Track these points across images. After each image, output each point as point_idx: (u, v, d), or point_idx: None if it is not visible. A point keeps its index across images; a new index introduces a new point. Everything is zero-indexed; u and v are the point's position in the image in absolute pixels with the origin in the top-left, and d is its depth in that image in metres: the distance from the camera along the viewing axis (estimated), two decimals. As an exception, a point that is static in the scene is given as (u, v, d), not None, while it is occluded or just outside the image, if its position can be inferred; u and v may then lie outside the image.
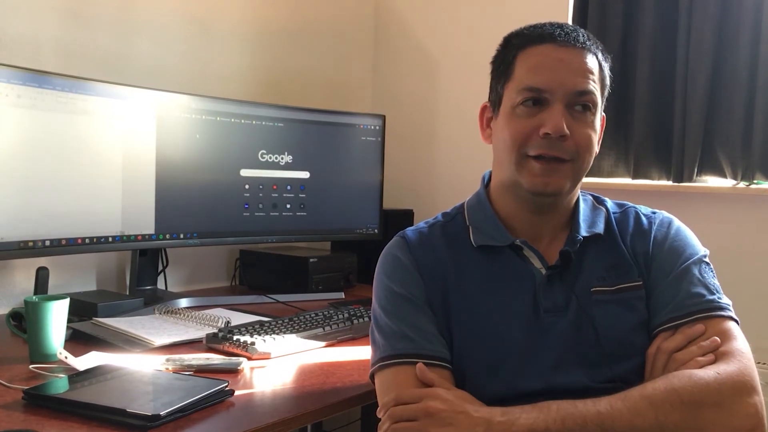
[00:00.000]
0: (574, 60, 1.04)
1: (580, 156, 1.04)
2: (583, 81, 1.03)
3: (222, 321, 1.54)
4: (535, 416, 0.88)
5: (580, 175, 1.07)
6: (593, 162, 1.09)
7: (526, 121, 1.03)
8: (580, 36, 1.06)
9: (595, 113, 1.06)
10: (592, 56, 1.06)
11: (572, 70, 1.03)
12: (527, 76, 1.04)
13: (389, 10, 2.63)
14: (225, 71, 2.15)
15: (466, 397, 0.95)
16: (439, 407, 0.91)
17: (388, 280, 1.08)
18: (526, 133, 1.03)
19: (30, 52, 1.68)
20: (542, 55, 1.04)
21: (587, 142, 1.04)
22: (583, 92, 1.03)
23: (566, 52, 1.04)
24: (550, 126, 1.01)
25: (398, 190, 2.49)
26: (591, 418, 0.87)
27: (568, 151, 1.03)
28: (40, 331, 1.27)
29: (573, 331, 1.02)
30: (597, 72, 1.06)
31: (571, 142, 1.02)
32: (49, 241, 1.52)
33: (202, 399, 1.06)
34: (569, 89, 1.02)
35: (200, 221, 1.84)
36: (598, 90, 1.05)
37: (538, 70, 1.04)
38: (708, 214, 2.00)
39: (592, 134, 1.05)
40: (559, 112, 1.01)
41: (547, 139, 1.01)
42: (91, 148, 1.60)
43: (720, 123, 1.96)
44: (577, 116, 1.03)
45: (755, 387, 0.93)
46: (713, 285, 1.04)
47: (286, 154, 1.99)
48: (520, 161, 1.04)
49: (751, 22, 1.90)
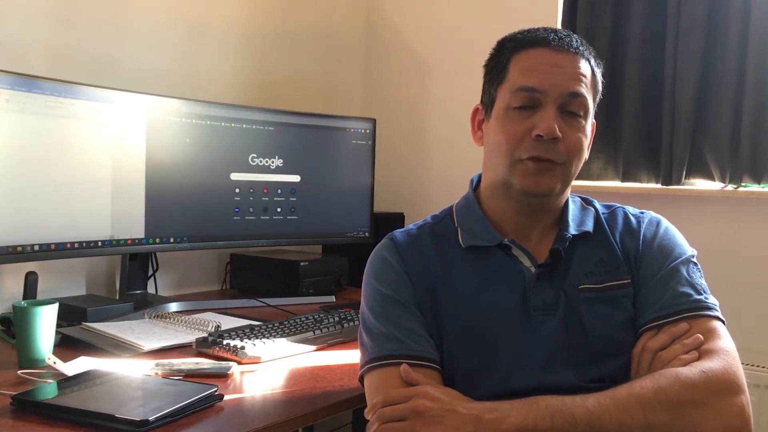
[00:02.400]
0: (568, 64, 1.05)
1: (570, 160, 1.05)
2: (575, 84, 1.04)
3: (212, 325, 1.53)
4: (524, 413, 0.88)
5: (570, 179, 1.08)
6: (583, 165, 1.10)
7: (519, 123, 1.04)
8: (574, 41, 1.07)
9: (587, 118, 1.07)
10: (585, 62, 1.07)
11: (565, 73, 1.04)
12: (521, 77, 1.05)
13: (380, 14, 2.63)
14: (216, 75, 2.15)
15: (455, 395, 0.95)
16: (428, 405, 0.91)
17: (376, 282, 1.09)
18: (518, 135, 1.04)
19: (19, 56, 1.67)
20: (536, 58, 1.05)
21: (578, 146, 1.05)
22: (576, 94, 1.04)
23: (560, 56, 1.05)
24: (542, 128, 1.01)
25: (389, 193, 2.49)
26: (580, 415, 0.88)
27: (560, 154, 1.03)
28: (29, 336, 1.26)
29: (562, 329, 1.02)
30: (589, 77, 1.07)
31: (562, 146, 1.03)
32: (38, 246, 1.52)
33: (192, 404, 1.06)
34: (562, 91, 1.03)
35: (190, 225, 1.83)
36: (590, 95, 1.06)
37: (531, 71, 1.05)
38: (696, 216, 2.01)
39: (583, 139, 1.06)
40: (552, 114, 1.02)
41: (539, 142, 1.02)
42: (81, 152, 1.59)
43: (708, 126, 1.97)
44: (569, 120, 1.04)
45: (741, 386, 0.93)
46: (700, 285, 1.05)
47: (276, 157, 1.99)
48: (512, 164, 1.05)
49: (738, 25, 1.91)
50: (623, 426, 0.88)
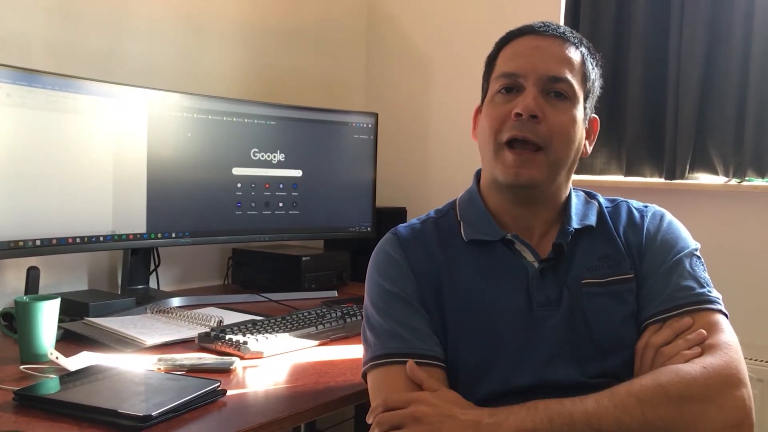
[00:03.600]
0: (551, 47, 1.05)
1: (553, 143, 1.03)
2: (557, 67, 1.04)
3: (214, 320, 1.53)
4: (522, 417, 0.88)
5: (558, 166, 1.06)
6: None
7: (502, 107, 1.05)
8: (561, 28, 1.08)
9: (574, 104, 1.05)
10: (574, 48, 1.07)
11: (547, 56, 1.05)
12: (504, 63, 1.07)
13: (382, 9, 2.63)
14: (217, 70, 2.15)
15: (453, 400, 0.94)
16: (427, 411, 0.90)
17: (380, 278, 1.08)
18: (501, 118, 1.04)
19: (20, 51, 1.67)
20: (521, 45, 1.08)
21: (562, 129, 1.03)
22: (557, 78, 1.03)
23: (543, 40, 1.06)
24: (520, 106, 1.02)
25: (391, 188, 2.48)
26: (578, 416, 0.87)
27: (540, 135, 1.02)
28: (31, 331, 1.26)
29: (565, 325, 1.02)
30: (577, 63, 1.06)
31: (543, 126, 1.02)
32: (39, 241, 1.51)
33: (194, 399, 1.06)
34: (542, 73, 1.03)
35: (192, 220, 1.83)
36: (576, 81, 1.05)
37: (514, 57, 1.07)
38: (700, 211, 2.00)
39: (568, 123, 1.04)
40: (531, 94, 1.02)
41: (518, 121, 1.02)
42: (82, 146, 1.59)
43: (712, 120, 1.97)
44: (552, 102, 1.04)
45: (742, 380, 0.93)
46: (703, 278, 1.05)
47: (278, 152, 1.99)
48: (496, 151, 1.05)
49: (742, 21, 1.91)
50: (622, 425, 0.87)
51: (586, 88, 1.08)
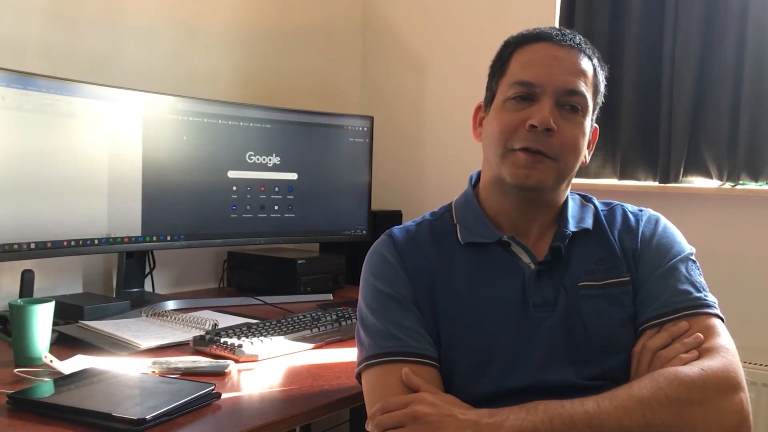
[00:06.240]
0: (568, 58, 1.05)
1: (564, 156, 1.04)
2: (574, 80, 1.04)
3: (209, 323, 1.53)
4: (522, 417, 0.88)
5: (564, 175, 1.07)
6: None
7: (515, 114, 1.04)
8: (577, 38, 1.07)
9: (585, 117, 1.06)
10: (587, 60, 1.07)
11: (565, 68, 1.04)
12: (520, 71, 1.06)
13: (377, 12, 2.63)
14: (212, 73, 2.15)
15: (452, 401, 0.94)
16: (426, 411, 0.90)
17: (374, 279, 1.08)
18: (513, 125, 1.04)
19: (15, 54, 1.67)
20: (537, 52, 1.06)
21: (573, 142, 1.04)
22: (574, 92, 1.04)
23: (561, 50, 1.05)
24: (536, 118, 1.01)
25: (387, 191, 2.48)
26: (579, 417, 0.87)
27: (553, 148, 1.03)
28: (25, 334, 1.25)
29: (562, 326, 1.02)
30: (590, 76, 1.07)
31: (557, 139, 1.02)
32: (34, 244, 1.51)
33: (189, 402, 1.05)
34: (559, 86, 1.03)
35: (187, 223, 1.83)
36: (589, 94, 1.06)
37: (530, 65, 1.05)
38: (694, 214, 2.01)
39: (579, 136, 1.05)
40: (547, 106, 1.02)
41: (532, 132, 1.02)
42: (77, 149, 1.59)
43: (706, 124, 1.97)
44: (565, 115, 1.04)
45: (740, 384, 0.93)
46: (699, 283, 1.05)
47: (273, 155, 1.99)
48: (504, 154, 1.05)
49: (736, 24, 1.91)
50: (622, 427, 0.87)
51: (596, 101, 1.09)
